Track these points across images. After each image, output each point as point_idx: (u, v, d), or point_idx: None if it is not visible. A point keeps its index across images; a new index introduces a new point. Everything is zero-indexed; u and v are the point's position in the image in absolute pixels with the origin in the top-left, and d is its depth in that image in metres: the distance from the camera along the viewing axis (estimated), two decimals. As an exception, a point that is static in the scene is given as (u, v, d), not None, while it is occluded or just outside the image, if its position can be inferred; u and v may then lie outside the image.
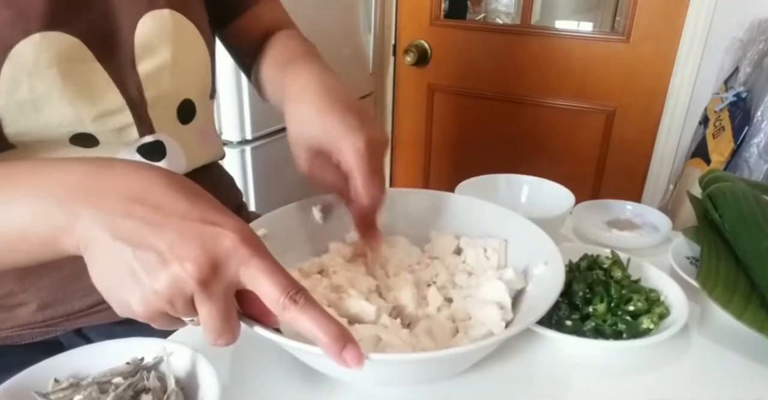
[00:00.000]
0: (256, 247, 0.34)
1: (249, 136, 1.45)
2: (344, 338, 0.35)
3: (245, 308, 0.37)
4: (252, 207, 1.46)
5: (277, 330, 0.40)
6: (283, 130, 0.53)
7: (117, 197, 0.34)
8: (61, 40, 0.49)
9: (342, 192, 0.52)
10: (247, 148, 1.45)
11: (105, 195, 0.34)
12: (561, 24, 2.10)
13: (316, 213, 0.57)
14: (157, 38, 0.55)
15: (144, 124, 0.57)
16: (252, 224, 0.51)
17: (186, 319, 0.36)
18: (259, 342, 0.38)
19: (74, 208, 0.34)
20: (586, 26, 2.10)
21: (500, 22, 2.21)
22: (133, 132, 0.56)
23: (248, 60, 0.71)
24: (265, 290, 0.34)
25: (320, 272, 0.54)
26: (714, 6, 1.67)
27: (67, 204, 0.34)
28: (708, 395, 0.49)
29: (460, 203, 0.60)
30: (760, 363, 0.52)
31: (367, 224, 0.53)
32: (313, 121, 0.50)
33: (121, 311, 0.35)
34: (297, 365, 0.48)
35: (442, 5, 2.02)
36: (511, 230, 0.56)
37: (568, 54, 1.91)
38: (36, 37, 0.47)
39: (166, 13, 0.56)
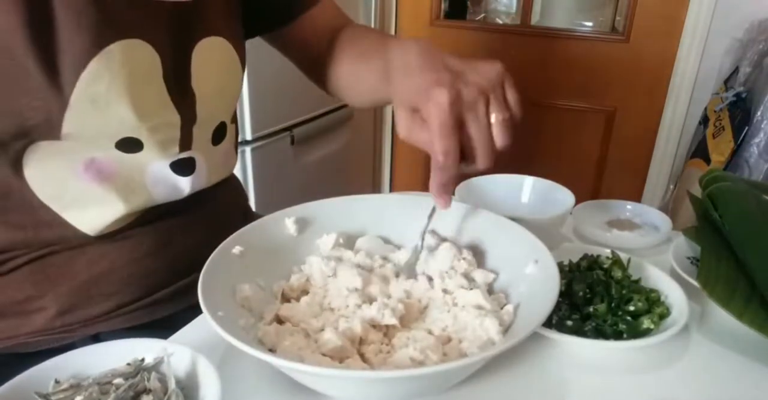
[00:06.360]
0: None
1: (249, 137, 1.45)
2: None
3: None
4: (252, 208, 1.46)
5: (271, 350, 0.40)
6: (283, 130, 0.54)
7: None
8: (146, 51, 0.52)
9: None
10: (247, 149, 1.45)
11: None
12: (561, 24, 2.10)
13: (290, 225, 0.56)
14: (212, 64, 0.59)
15: (185, 141, 0.59)
16: (226, 242, 0.51)
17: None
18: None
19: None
20: (586, 26, 2.11)
21: (500, 22, 2.22)
22: (175, 147, 0.58)
23: (312, 60, 0.73)
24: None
25: (305, 291, 0.53)
26: (714, 6, 1.67)
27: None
28: (708, 395, 0.48)
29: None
30: (760, 363, 0.52)
31: (440, 184, 0.48)
32: (409, 79, 0.49)
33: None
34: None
35: (442, 5, 2.02)
36: (496, 232, 0.55)
37: (569, 54, 1.91)
38: (136, 42, 0.51)
39: (219, 40, 0.59)
